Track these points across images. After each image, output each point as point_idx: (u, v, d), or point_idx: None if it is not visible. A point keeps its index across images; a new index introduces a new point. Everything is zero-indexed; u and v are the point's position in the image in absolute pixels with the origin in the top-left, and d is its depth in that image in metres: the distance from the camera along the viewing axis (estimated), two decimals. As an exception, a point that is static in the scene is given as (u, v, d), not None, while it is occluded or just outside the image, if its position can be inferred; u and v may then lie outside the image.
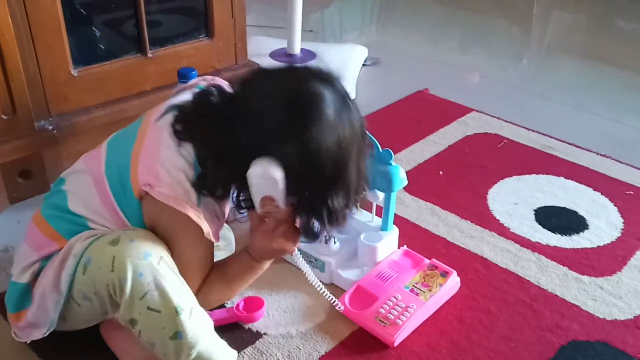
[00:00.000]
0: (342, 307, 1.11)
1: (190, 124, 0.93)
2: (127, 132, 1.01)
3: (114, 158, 0.98)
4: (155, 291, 0.88)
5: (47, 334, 0.97)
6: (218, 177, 0.92)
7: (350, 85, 1.98)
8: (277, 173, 0.88)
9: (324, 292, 1.09)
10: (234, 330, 1.09)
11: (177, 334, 0.89)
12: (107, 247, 0.89)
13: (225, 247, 1.21)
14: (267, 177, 0.89)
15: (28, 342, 1.00)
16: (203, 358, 0.93)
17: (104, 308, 0.93)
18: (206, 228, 0.93)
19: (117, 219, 0.96)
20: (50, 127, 1.39)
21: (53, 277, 0.93)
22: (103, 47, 1.55)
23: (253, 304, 1.13)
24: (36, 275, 0.97)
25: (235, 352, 1.00)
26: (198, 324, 0.92)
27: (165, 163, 0.92)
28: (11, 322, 1.01)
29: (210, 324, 0.95)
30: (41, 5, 1.30)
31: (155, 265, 0.88)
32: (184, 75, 1.31)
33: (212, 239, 0.95)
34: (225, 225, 1.24)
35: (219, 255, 1.18)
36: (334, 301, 1.10)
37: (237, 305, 1.13)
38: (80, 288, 0.92)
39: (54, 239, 0.97)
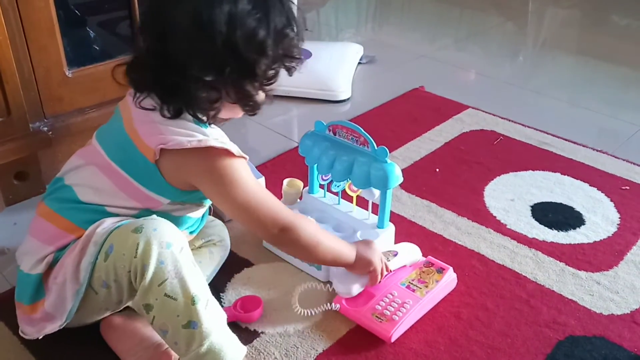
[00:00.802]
0: (339, 306, 1.11)
1: (137, 71, 0.95)
2: (111, 121, 1.04)
3: (111, 142, 1.00)
4: (175, 279, 0.90)
5: (62, 327, 0.97)
6: (190, 83, 0.90)
7: (346, 84, 1.98)
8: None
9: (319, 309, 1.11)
10: (232, 330, 1.09)
11: (191, 323, 0.91)
12: (131, 235, 0.90)
13: (218, 242, 1.21)
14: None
15: (40, 338, 0.99)
16: (214, 350, 0.93)
17: (120, 296, 0.95)
18: (235, 147, 0.95)
19: (138, 196, 0.97)
20: (45, 129, 1.39)
21: (72, 265, 0.94)
22: (97, 48, 1.55)
23: (250, 304, 1.13)
24: (50, 266, 0.97)
25: (245, 347, 1.00)
26: (213, 316, 0.93)
27: (161, 122, 0.94)
28: (24, 316, 1.00)
29: (223, 317, 0.96)
30: (34, 6, 1.30)
31: (176, 255, 0.91)
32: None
33: (242, 155, 0.96)
34: (219, 222, 1.24)
35: (213, 250, 1.19)
36: (330, 306, 1.11)
37: (235, 304, 1.13)
38: (100, 275, 0.93)
39: (69, 231, 0.97)
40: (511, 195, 1.49)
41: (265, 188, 1.01)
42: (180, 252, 0.91)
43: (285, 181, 1.35)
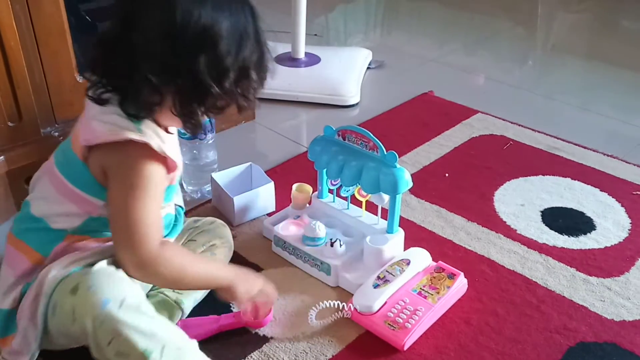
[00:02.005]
0: (350, 313, 1.11)
1: (96, 48, 0.91)
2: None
3: (60, 147, 0.99)
4: (119, 338, 0.86)
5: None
6: (135, 76, 0.86)
7: (355, 89, 1.98)
8: None
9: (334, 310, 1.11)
10: (241, 335, 1.09)
11: None
12: (68, 297, 0.88)
13: (222, 244, 1.18)
14: None
15: None
16: None
17: (84, 342, 0.91)
18: (155, 142, 0.88)
19: (75, 198, 0.94)
20: (56, 134, 1.40)
21: (29, 312, 0.93)
22: (108, 53, 1.55)
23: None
24: (19, 301, 0.96)
25: None
26: (172, 357, 0.88)
27: (96, 115, 0.90)
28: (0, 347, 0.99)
29: (188, 348, 0.91)
30: (46, 11, 1.31)
31: (114, 313, 0.86)
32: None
33: (165, 154, 0.90)
34: (219, 221, 1.22)
35: (217, 252, 1.17)
36: (343, 308, 1.11)
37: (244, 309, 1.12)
38: (54, 326, 0.92)
39: (24, 253, 0.96)
40: (521, 200, 1.49)
41: (158, 214, 0.94)
42: (119, 308, 0.86)
43: (295, 186, 1.35)
